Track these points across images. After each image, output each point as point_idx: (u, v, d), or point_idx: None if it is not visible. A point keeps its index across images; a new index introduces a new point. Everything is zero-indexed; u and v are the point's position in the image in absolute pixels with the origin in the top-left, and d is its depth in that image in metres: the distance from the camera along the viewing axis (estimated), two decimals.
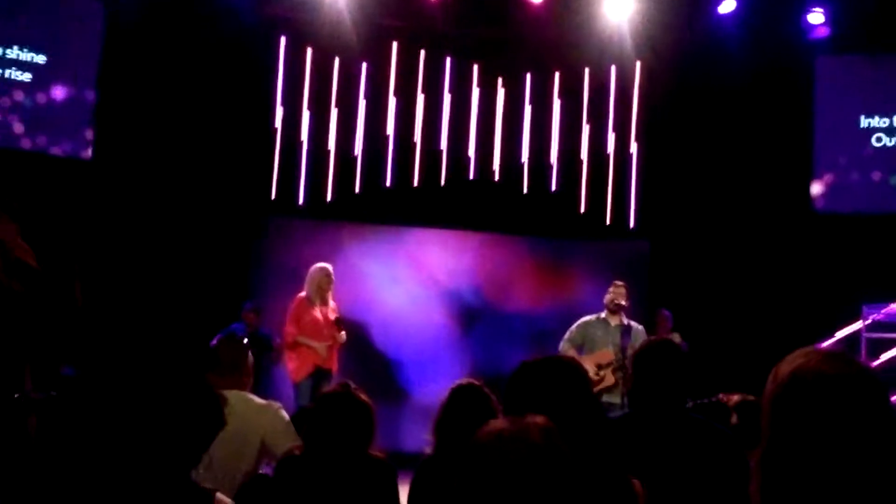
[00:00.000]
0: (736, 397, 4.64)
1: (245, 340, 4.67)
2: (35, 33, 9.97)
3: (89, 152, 10.09)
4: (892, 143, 10.73)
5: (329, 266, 8.40)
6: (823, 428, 1.57)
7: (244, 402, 4.24)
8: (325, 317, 8.18)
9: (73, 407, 1.85)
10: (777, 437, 1.62)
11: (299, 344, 8.10)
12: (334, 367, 8.17)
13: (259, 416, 4.21)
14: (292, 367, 8.17)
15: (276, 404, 4.35)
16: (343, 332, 8.22)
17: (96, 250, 9.54)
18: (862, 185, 10.78)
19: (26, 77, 9.89)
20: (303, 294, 8.27)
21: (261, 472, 4.26)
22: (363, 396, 3.78)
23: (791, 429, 1.60)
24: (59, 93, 9.99)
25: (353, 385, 4.00)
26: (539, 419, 1.93)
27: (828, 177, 10.88)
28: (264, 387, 8.17)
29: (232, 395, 4.24)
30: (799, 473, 1.57)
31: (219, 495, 2.23)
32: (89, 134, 10.10)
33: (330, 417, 3.63)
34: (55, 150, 9.99)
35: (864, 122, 10.82)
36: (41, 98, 9.95)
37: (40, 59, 9.95)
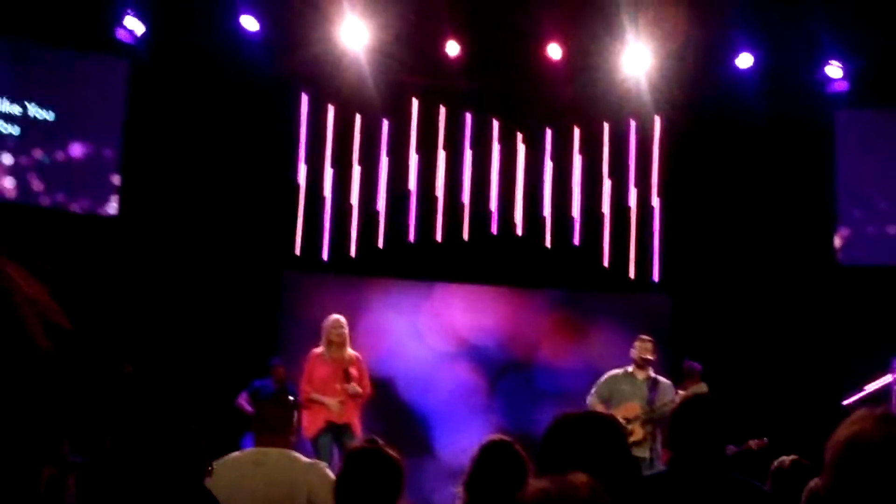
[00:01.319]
0: (791, 458, 4.55)
1: (291, 398, 4.72)
2: (55, 90, 10.08)
3: (108, 208, 10.17)
4: None
5: (339, 316, 8.31)
6: (880, 492, 1.60)
7: (290, 461, 4.31)
8: (339, 369, 8.08)
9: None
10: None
11: (313, 401, 8.04)
12: (353, 420, 8.06)
13: (305, 475, 4.26)
14: (305, 425, 8.06)
15: (322, 463, 4.41)
16: (353, 384, 8.02)
17: (120, 306, 9.59)
18: (883, 237, 10.74)
19: (45, 134, 9.99)
20: (316, 350, 8.24)
21: None
22: (392, 452, 3.77)
23: (849, 496, 1.63)
24: (77, 150, 10.10)
25: (381, 441, 4.00)
26: (583, 477, 1.91)
27: (851, 229, 10.85)
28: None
29: (278, 453, 4.32)
30: None
31: None
32: (109, 190, 10.20)
33: (360, 473, 3.62)
34: (74, 207, 10.09)
35: (885, 175, 10.81)
36: (60, 155, 10.05)
37: (60, 115, 10.07)
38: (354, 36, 10.36)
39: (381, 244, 10.79)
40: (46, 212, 9.92)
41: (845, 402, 9.11)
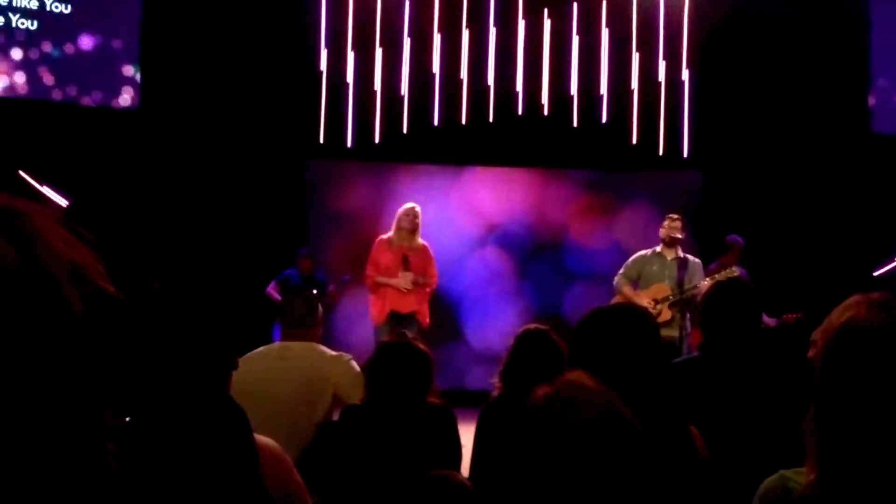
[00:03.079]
0: None
1: (315, 291, 4.72)
2: None
3: (121, 101, 10.09)
4: None
5: (414, 205, 8.18)
6: (875, 381, 1.53)
7: (316, 354, 4.33)
8: (400, 257, 7.94)
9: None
10: (830, 392, 1.58)
11: (378, 285, 7.96)
12: (419, 308, 7.94)
13: (331, 368, 4.28)
14: (373, 312, 8.06)
15: (347, 356, 4.42)
16: (409, 273, 7.89)
17: (141, 200, 9.60)
18: None
19: (58, 27, 9.85)
20: (383, 236, 8.14)
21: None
22: (421, 346, 3.81)
23: (843, 384, 1.56)
24: (89, 42, 9.98)
25: (410, 334, 4.03)
26: (582, 375, 1.89)
27: (886, 98, 10.58)
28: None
29: (304, 347, 4.35)
30: (852, 427, 1.54)
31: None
32: (123, 82, 10.10)
33: (389, 367, 3.66)
34: (87, 101, 10.02)
35: None
36: (70, 48, 9.94)
37: (75, 7, 9.92)
38: None
39: (405, 129, 10.66)
40: (58, 106, 9.87)
41: (877, 273, 9.07)
